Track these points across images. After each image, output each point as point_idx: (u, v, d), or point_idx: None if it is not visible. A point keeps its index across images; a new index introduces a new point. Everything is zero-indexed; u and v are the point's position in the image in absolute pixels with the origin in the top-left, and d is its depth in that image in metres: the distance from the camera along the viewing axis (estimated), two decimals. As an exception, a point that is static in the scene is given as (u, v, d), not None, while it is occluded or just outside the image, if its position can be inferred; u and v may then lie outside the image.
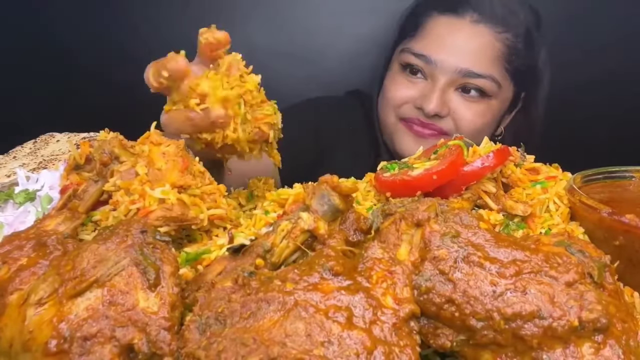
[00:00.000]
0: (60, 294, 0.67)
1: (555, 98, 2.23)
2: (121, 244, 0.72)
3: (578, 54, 2.35)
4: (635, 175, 1.08)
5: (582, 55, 2.36)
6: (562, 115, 2.35)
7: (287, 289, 0.64)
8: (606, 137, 2.37)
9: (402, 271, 0.68)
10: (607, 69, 2.36)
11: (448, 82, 1.79)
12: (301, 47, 2.42)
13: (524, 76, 1.90)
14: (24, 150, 1.32)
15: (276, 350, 0.58)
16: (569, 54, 2.31)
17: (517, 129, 2.03)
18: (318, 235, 0.80)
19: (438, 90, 1.79)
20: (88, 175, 1.01)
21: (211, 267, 0.83)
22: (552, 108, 2.34)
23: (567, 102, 2.34)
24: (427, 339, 0.68)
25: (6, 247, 0.80)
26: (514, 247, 0.69)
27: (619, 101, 2.38)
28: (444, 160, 1.01)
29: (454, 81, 1.79)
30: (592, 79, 2.35)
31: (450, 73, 1.78)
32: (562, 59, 2.34)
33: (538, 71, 1.96)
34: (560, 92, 2.37)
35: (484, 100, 1.83)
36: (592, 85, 2.35)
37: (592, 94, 2.36)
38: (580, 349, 0.63)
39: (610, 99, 2.37)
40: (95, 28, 2.41)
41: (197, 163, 1.06)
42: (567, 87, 2.33)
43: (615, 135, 2.35)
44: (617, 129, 2.39)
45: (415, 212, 0.73)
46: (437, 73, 1.79)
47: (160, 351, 0.64)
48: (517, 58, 1.84)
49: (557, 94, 2.29)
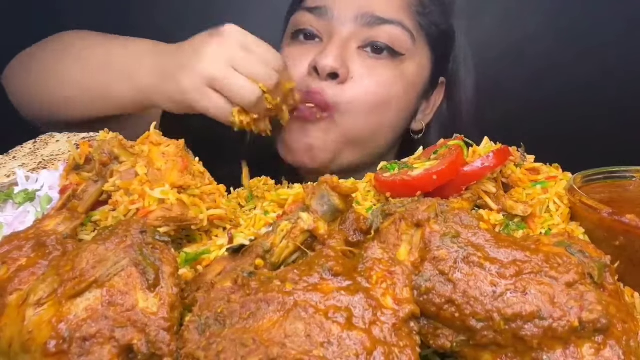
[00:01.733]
0: (60, 294, 0.67)
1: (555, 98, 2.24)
2: (120, 244, 0.72)
3: (578, 54, 2.36)
4: (636, 175, 1.08)
5: (582, 55, 2.36)
6: (562, 115, 2.36)
7: (286, 289, 0.64)
8: (606, 137, 2.36)
9: (402, 271, 0.68)
10: (607, 68, 2.36)
11: (349, 35, 1.42)
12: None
13: (440, 43, 1.58)
14: (24, 150, 1.32)
15: (276, 350, 0.58)
16: (569, 54, 2.31)
17: (442, 125, 1.68)
18: (318, 235, 0.80)
19: (335, 43, 1.39)
20: (88, 176, 1.01)
21: (211, 268, 0.82)
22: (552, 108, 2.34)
23: (567, 102, 2.34)
24: (427, 339, 0.68)
25: (5, 247, 0.80)
26: (514, 248, 0.69)
27: (619, 101, 2.38)
28: (444, 161, 1.01)
29: (356, 34, 1.42)
30: (592, 78, 2.35)
31: (350, 22, 1.42)
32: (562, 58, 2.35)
33: (455, 46, 1.66)
34: (560, 92, 2.37)
35: (396, 61, 1.44)
36: (592, 85, 2.35)
37: (592, 93, 2.36)
38: (580, 349, 0.63)
39: (610, 99, 2.37)
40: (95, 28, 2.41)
41: (197, 163, 1.06)
42: (567, 87, 2.34)
43: (615, 135, 2.35)
44: (617, 129, 2.38)
45: (415, 213, 0.73)
46: (335, 27, 1.42)
47: (160, 352, 0.64)
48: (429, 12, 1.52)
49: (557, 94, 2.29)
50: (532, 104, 2.39)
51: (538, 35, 2.39)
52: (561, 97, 2.36)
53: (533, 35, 2.38)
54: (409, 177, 1.00)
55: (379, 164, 1.11)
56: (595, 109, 2.37)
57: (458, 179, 0.99)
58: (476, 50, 1.78)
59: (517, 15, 2.41)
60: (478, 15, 1.94)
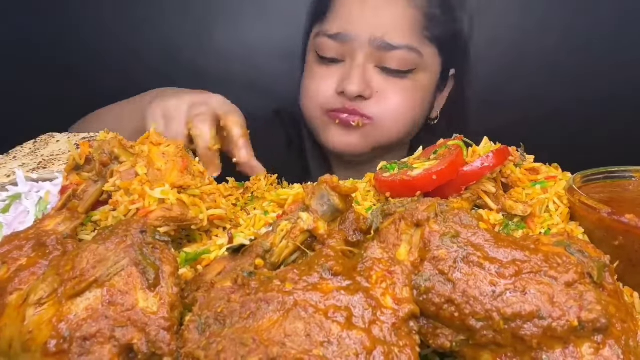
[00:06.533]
0: (60, 294, 0.67)
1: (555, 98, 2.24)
2: (121, 244, 0.72)
3: (578, 54, 2.35)
4: (635, 175, 1.08)
5: (582, 55, 2.36)
6: (562, 115, 2.36)
7: (286, 289, 0.64)
8: (606, 137, 2.36)
9: (401, 271, 0.68)
10: (608, 68, 2.36)
11: (366, 57, 1.67)
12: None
13: (450, 45, 1.79)
14: (24, 150, 1.32)
15: (276, 350, 0.58)
16: (569, 53, 2.31)
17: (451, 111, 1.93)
18: (318, 235, 0.80)
19: (357, 68, 1.66)
20: (88, 176, 1.01)
21: (211, 267, 0.83)
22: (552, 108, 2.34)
23: (567, 102, 2.34)
24: (427, 339, 0.68)
25: (6, 247, 0.80)
26: (513, 247, 0.69)
27: (619, 101, 2.38)
28: (443, 161, 1.01)
29: (372, 55, 1.67)
30: (592, 78, 2.35)
31: (366, 46, 1.65)
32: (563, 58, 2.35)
33: (464, 40, 1.86)
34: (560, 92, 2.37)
35: (409, 76, 1.70)
36: (592, 85, 2.35)
37: (592, 93, 2.36)
38: (579, 349, 0.63)
39: (610, 99, 2.37)
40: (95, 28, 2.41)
41: (196, 163, 1.06)
42: (567, 87, 2.33)
43: (615, 135, 2.35)
44: (617, 129, 2.38)
45: (414, 212, 0.73)
46: (354, 49, 1.67)
47: (160, 351, 0.64)
48: (437, 25, 1.72)
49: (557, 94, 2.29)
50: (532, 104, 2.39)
51: (538, 35, 2.39)
52: (561, 97, 2.35)
53: (533, 35, 2.38)
54: (408, 177, 1.00)
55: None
56: (595, 109, 2.37)
57: (458, 179, 0.99)
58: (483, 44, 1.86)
59: (517, 14, 2.41)
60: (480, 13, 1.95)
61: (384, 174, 1.07)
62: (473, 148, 1.07)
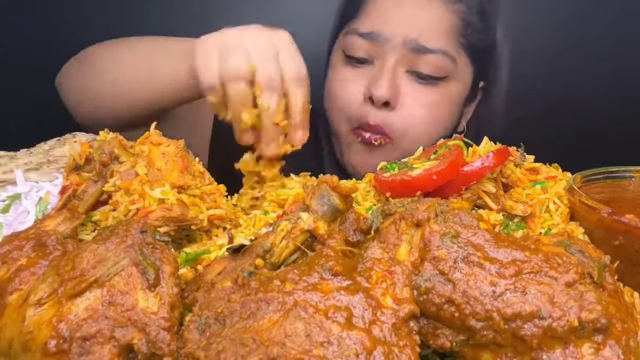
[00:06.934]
0: (60, 294, 0.67)
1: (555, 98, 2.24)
2: (121, 244, 0.72)
3: (577, 53, 2.35)
4: (635, 175, 1.08)
5: (581, 54, 2.36)
6: (562, 115, 2.36)
7: (286, 289, 0.64)
8: (606, 137, 2.36)
9: (401, 271, 0.68)
10: (608, 68, 2.36)
11: (398, 60, 1.55)
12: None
13: (483, 55, 1.71)
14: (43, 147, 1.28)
15: (276, 350, 0.58)
16: (569, 53, 2.31)
17: (479, 123, 1.83)
18: (318, 235, 0.80)
19: (387, 72, 1.54)
20: (88, 176, 1.01)
21: (211, 267, 0.83)
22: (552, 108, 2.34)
23: (567, 101, 2.34)
24: (427, 339, 0.68)
25: (6, 248, 0.80)
26: (513, 247, 0.69)
27: (619, 101, 2.38)
28: (443, 161, 1.01)
29: (403, 58, 1.55)
30: (591, 78, 2.35)
31: (399, 48, 1.54)
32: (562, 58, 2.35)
33: (496, 51, 1.78)
34: (560, 92, 2.37)
35: (440, 84, 1.59)
36: (592, 85, 2.35)
37: (592, 93, 2.36)
38: (580, 349, 0.63)
39: (610, 99, 2.37)
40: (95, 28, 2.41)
41: (196, 163, 1.06)
42: (567, 86, 2.33)
43: (615, 135, 2.35)
44: (617, 129, 2.38)
45: (415, 212, 0.73)
46: (386, 51, 1.55)
47: (160, 351, 0.64)
48: (473, 32, 1.63)
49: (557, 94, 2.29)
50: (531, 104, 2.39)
51: (538, 35, 2.39)
52: (561, 97, 2.35)
53: (533, 35, 2.38)
54: (408, 177, 1.00)
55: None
56: (596, 109, 2.37)
57: (458, 179, 0.99)
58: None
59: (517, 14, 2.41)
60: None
61: (384, 174, 1.07)
62: (473, 148, 1.07)
